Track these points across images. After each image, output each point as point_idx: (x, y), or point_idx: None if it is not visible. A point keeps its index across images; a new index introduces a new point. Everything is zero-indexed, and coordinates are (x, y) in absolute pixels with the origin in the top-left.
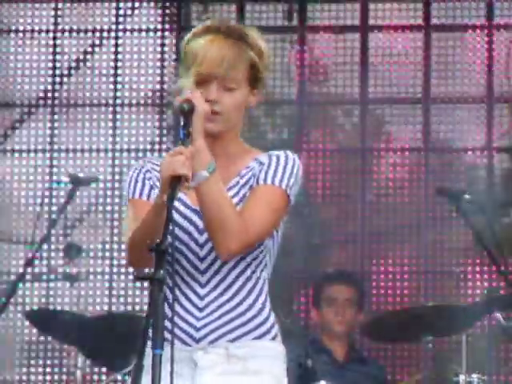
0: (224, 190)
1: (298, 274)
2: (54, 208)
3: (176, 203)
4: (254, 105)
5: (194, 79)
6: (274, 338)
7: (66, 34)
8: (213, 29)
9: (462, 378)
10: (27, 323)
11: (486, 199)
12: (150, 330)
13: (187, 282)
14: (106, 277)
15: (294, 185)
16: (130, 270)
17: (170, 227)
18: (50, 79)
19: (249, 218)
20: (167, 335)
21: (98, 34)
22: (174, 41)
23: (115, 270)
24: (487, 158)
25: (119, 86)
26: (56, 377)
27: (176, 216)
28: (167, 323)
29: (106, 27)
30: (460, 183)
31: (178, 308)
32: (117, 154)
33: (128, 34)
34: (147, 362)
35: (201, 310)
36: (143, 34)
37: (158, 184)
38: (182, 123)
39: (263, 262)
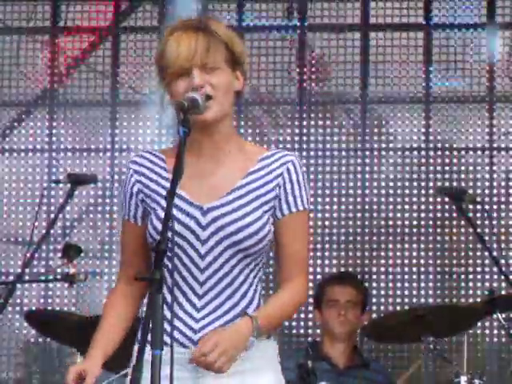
0: (270, 311)
1: None
2: (53, 208)
3: (176, 200)
4: (240, 89)
5: (170, 79)
6: (269, 337)
7: (65, 32)
8: (178, 27)
9: (463, 378)
10: (26, 324)
11: (487, 199)
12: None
13: (186, 280)
14: (105, 277)
15: (309, 191)
16: None
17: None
18: (48, 78)
19: (298, 259)
20: (166, 338)
21: (97, 33)
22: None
23: (114, 270)
24: (488, 158)
25: (118, 85)
26: (55, 377)
27: (177, 213)
28: (166, 325)
29: (105, 25)
30: (461, 183)
31: (176, 308)
32: (116, 154)
33: (127, 32)
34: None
35: (199, 310)
36: (143, 32)
37: (146, 193)
38: (180, 120)
39: (260, 263)
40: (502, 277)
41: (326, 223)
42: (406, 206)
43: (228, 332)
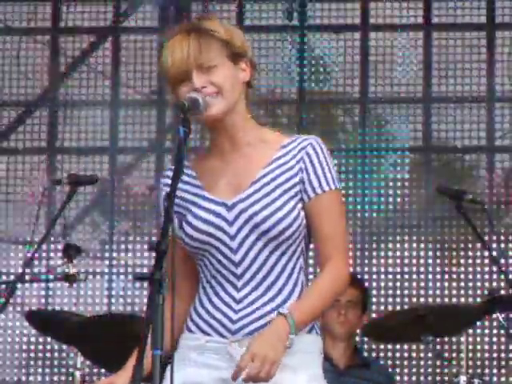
0: (307, 302)
1: None
2: (53, 208)
3: (201, 201)
4: (248, 79)
5: (173, 86)
6: (310, 331)
7: (66, 32)
8: (173, 33)
9: (462, 378)
10: (26, 324)
11: (487, 199)
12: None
13: (224, 275)
14: (106, 277)
15: (334, 172)
16: (129, 269)
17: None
18: (48, 78)
19: (332, 241)
20: (204, 325)
21: (97, 33)
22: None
23: (114, 270)
24: (488, 158)
25: (118, 85)
26: (55, 377)
27: (203, 213)
28: (203, 314)
29: (105, 26)
30: (461, 183)
31: (215, 299)
32: (116, 154)
33: (127, 32)
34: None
35: (238, 301)
36: (143, 32)
37: (176, 203)
38: (181, 121)
39: (298, 250)
40: (502, 277)
41: None
42: (406, 206)
43: (263, 337)
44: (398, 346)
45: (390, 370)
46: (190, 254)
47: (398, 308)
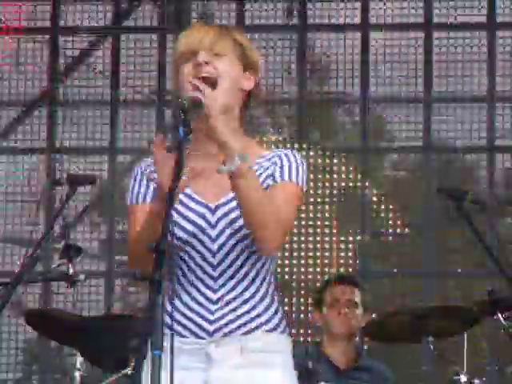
0: (260, 185)
1: (298, 276)
2: (53, 208)
3: (185, 199)
4: (249, 89)
5: (179, 62)
6: (283, 331)
7: (66, 32)
8: (193, 25)
9: (463, 378)
10: (26, 324)
11: (488, 199)
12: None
13: (199, 277)
14: (105, 277)
15: (305, 180)
16: (129, 270)
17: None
18: (48, 78)
19: (283, 214)
20: (177, 327)
21: (97, 33)
22: (173, 40)
23: (114, 270)
24: (488, 158)
25: (119, 85)
26: (55, 377)
27: (187, 212)
28: (177, 316)
29: (105, 26)
30: (461, 183)
31: (190, 302)
32: (116, 154)
33: (127, 32)
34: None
35: (214, 303)
36: (143, 32)
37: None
38: (181, 121)
39: (270, 256)
40: (502, 277)
41: (326, 223)
42: (407, 206)
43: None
44: (398, 346)
45: (390, 370)
46: None
47: (399, 308)
